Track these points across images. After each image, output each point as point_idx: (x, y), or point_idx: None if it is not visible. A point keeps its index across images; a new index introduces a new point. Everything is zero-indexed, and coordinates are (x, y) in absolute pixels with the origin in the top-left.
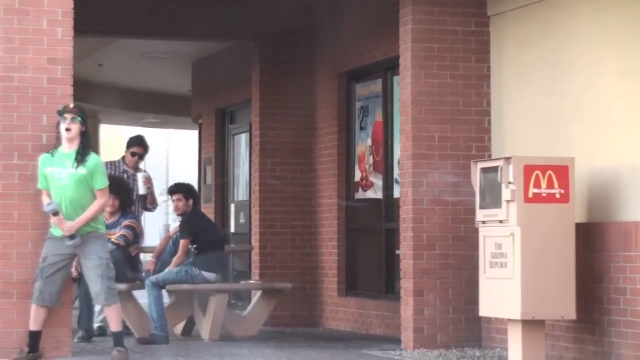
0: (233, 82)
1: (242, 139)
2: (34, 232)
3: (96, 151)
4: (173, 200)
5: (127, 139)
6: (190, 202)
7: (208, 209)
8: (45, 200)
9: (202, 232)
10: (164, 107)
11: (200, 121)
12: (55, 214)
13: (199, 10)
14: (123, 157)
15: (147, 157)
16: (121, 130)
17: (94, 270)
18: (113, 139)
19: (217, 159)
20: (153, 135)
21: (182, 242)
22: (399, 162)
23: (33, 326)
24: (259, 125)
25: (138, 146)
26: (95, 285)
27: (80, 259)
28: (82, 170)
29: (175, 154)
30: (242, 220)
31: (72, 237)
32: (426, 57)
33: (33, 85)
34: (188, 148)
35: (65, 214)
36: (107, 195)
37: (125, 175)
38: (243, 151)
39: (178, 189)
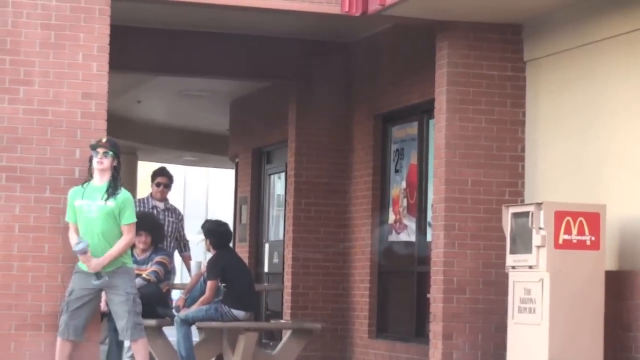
0: (270, 121)
1: (278, 179)
2: (64, 266)
3: (134, 187)
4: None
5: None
6: (208, 241)
7: (243, 248)
8: (73, 237)
9: (231, 271)
10: (202, 146)
11: (237, 160)
12: (84, 253)
13: (238, 49)
14: (151, 194)
15: (187, 195)
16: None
17: (121, 305)
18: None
19: (252, 198)
20: (194, 173)
21: (208, 283)
22: (432, 205)
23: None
24: (294, 166)
25: (162, 176)
26: (122, 320)
27: (107, 294)
28: (111, 203)
29: (215, 192)
30: (275, 260)
31: (98, 276)
32: (461, 101)
33: (67, 119)
34: (227, 186)
35: (92, 248)
36: (133, 231)
37: (155, 211)
38: (278, 191)
39: (203, 227)
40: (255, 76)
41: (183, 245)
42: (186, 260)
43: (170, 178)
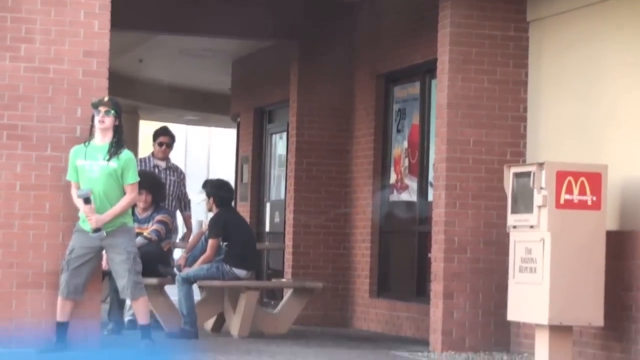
0: (272, 81)
1: (280, 139)
2: (65, 224)
3: (135, 146)
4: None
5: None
6: (212, 200)
7: (244, 208)
8: (74, 192)
9: (233, 230)
10: (204, 105)
11: (238, 120)
12: (87, 201)
13: (240, 7)
14: (152, 153)
15: (189, 154)
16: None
17: (121, 264)
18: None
19: (254, 157)
20: (195, 133)
21: (210, 241)
22: (433, 165)
23: (60, 317)
24: (295, 125)
25: (164, 135)
26: (122, 279)
27: (107, 253)
28: (113, 163)
29: (216, 152)
30: (277, 220)
31: (97, 229)
32: (464, 61)
33: (68, 77)
34: (229, 146)
35: (95, 208)
36: (136, 191)
37: (157, 170)
38: (280, 151)
39: (203, 186)
40: (257, 35)
41: (184, 205)
42: (187, 219)
43: (172, 137)
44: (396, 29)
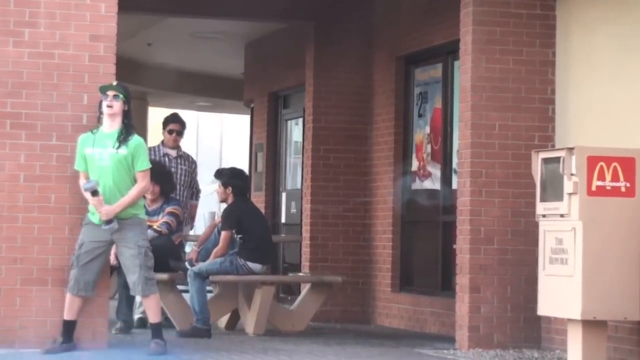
0: (287, 65)
1: (295, 125)
2: (71, 217)
3: (144, 134)
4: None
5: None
6: (229, 189)
7: (259, 198)
8: (83, 181)
9: (248, 222)
10: (216, 90)
11: (252, 105)
12: (94, 193)
13: None
14: (162, 141)
15: (200, 142)
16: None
17: (132, 259)
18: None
19: (268, 145)
20: (206, 120)
21: (223, 234)
22: (457, 151)
23: (68, 315)
24: (312, 111)
25: (174, 123)
26: (133, 275)
27: (117, 247)
28: (123, 150)
29: (229, 139)
30: (293, 210)
31: (109, 221)
32: (488, 41)
33: (74, 63)
34: (242, 133)
35: (105, 199)
36: (148, 178)
37: (167, 159)
38: (296, 137)
39: (216, 175)
40: (271, 17)
41: (193, 194)
42: (193, 208)
43: (183, 124)
44: (417, 7)
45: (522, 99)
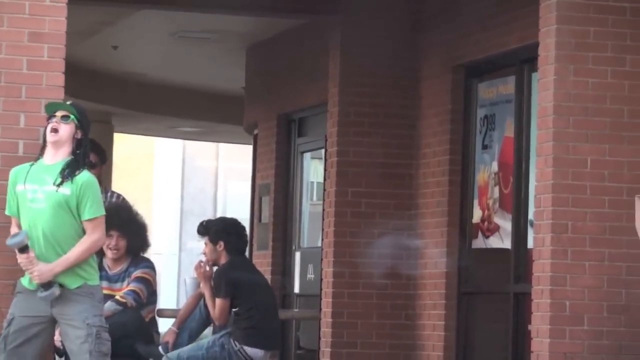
0: (303, 76)
1: (314, 159)
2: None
3: (108, 170)
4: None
5: (158, 155)
6: (220, 246)
7: (263, 259)
8: (13, 231)
9: (246, 290)
10: (207, 111)
11: (255, 132)
12: (23, 249)
13: None
14: None
15: (187, 182)
16: (151, 143)
17: (78, 343)
18: (139, 154)
19: (277, 186)
20: (195, 152)
21: (218, 302)
22: (535, 196)
23: None
24: (336, 140)
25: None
26: None
27: (60, 326)
28: (65, 190)
29: (225, 178)
30: (310, 276)
31: (47, 286)
32: (577, 46)
33: (7, 70)
34: (243, 170)
35: (38, 254)
36: (101, 229)
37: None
38: (314, 176)
39: (201, 230)
40: (281, 11)
41: None
42: None
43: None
44: (481, 1)
45: (624, 126)
